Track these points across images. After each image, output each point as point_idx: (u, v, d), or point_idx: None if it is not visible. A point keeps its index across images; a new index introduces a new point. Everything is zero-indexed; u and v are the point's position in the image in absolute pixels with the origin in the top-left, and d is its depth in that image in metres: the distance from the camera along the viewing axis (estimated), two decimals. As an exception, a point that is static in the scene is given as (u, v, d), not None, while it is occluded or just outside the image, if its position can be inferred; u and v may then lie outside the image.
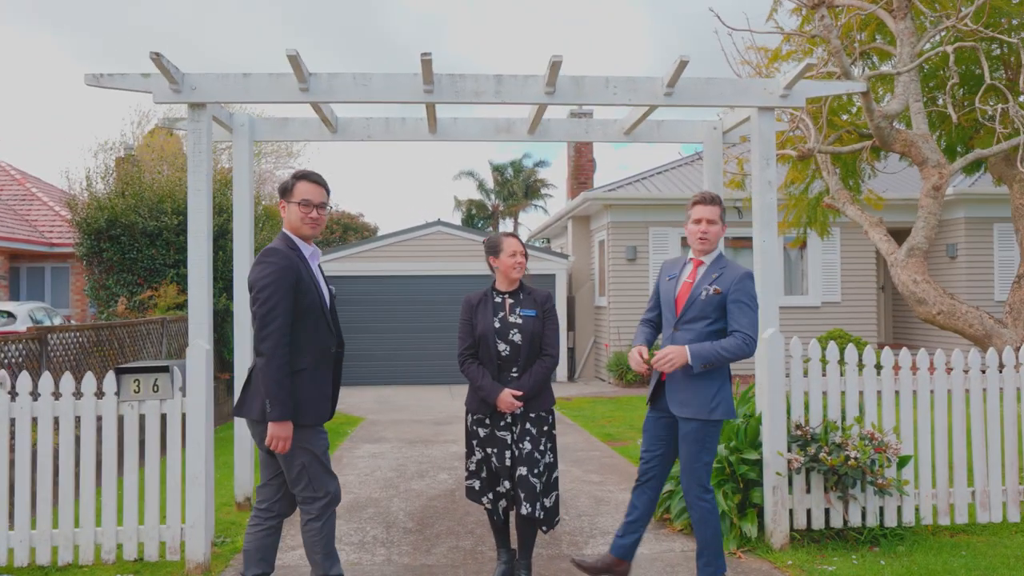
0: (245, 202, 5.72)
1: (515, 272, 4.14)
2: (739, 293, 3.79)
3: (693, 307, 3.84)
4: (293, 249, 3.48)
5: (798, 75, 4.79)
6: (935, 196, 6.00)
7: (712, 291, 3.82)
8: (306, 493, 3.44)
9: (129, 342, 7.99)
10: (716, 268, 3.89)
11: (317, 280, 3.53)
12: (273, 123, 5.87)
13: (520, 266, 4.14)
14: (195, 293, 4.67)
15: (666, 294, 3.98)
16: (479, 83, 4.80)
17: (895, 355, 4.96)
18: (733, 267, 3.89)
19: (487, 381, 4.04)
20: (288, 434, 3.29)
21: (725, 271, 3.87)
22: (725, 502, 4.74)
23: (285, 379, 3.28)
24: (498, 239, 4.22)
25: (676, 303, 3.91)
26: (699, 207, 3.94)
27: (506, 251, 4.15)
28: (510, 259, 4.13)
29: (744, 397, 5.32)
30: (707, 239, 3.89)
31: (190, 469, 4.38)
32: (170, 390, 4.39)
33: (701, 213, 3.92)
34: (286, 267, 3.36)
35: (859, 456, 4.44)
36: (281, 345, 3.28)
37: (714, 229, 3.89)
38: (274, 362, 3.27)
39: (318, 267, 3.65)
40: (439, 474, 6.91)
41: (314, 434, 3.44)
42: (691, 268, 3.97)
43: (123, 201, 10.30)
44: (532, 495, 3.99)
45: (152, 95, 4.65)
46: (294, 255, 3.45)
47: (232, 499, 5.78)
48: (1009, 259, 14.33)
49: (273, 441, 3.28)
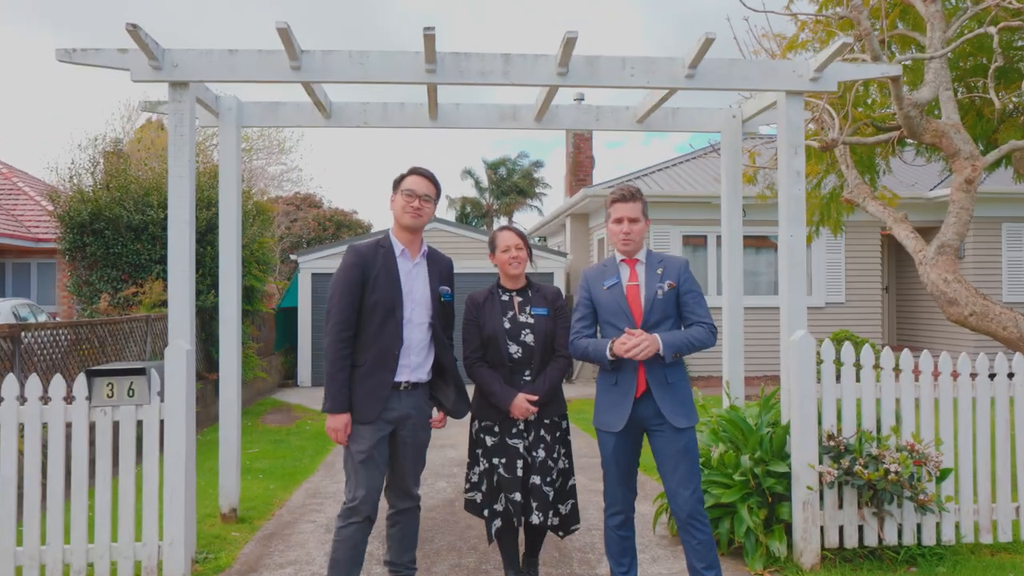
0: (232, 192, 5.32)
1: (512, 268, 3.83)
2: (690, 283, 3.58)
3: (655, 309, 3.50)
4: (382, 246, 3.52)
5: (831, 56, 4.43)
6: (967, 190, 5.65)
7: (667, 287, 3.54)
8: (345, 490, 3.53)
9: (111, 341, 7.58)
10: (655, 263, 3.62)
11: (397, 279, 3.49)
12: (262, 107, 5.48)
13: (516, 261, 3.83)
14: (176, 288, 4.29)
15: (611, 303, 3.57)
16: (485, 63, 4.43)
17: (934, 357, 4.60)
18: (669, 257, 3.66)
19: (499, 386, 3.73)
20: (338, 426, 3.39)
21: (665, 263, 3.61)
22: (751, 518, 4.37)
23: (338, 373, 3.36)
24: (493, 235, 3.96)
25: (631, 309, 3.52)
26: (618, 205, 3.60)
27: (499, 247, 3.88)
28: (504, 255, 3.85)
29: (767, 404, 4.95)
30: (631, 239, 3.58)
31: (168, 481, 3.99)
32: (147, 394, 4.00)
33: (622, 211, 3.59)
34: (352, 264, 3.44)
35: (900, 470, 4.08)
36: (335, 341, 3.37)
37: (637, 227, 3.58)
38: (328, 356, 3.40)
39: (425, 267, 3.62)
40: (437, 482, 6.53)
41: (355, 433, 3.43)
42: (628, 270, 3.62)
43: (107, 194, 9.87)
44: (544, 504, 3.71)
45: (130, 72, 4.25)
46: (372, 252, 3.48)
47: (216, 510, 5.38)
48: (1018, 259, 14.05)
49: (329, 432, 3.42)
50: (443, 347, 3.66)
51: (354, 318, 3.41)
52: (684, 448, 3.48)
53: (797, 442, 4.35)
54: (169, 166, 4.30)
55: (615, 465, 3.58)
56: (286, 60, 4.29)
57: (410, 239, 3.59)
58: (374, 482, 3.46)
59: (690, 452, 3.50)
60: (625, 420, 3.48)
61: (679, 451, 3.47)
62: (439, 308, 3.64)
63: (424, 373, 3.61)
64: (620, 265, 3.64)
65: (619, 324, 3.52)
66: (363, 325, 3.43)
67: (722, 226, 5.73)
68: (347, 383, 3.39)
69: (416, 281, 3.57)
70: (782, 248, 4.68)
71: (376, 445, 3.45)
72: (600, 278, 3.65)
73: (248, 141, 23.16)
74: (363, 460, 3.43)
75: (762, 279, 14.02)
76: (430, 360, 3.63)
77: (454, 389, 3.72)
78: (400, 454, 3.59)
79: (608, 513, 3.66)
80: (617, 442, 3.54)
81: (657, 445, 3.53)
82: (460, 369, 3.77)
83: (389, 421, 3.49)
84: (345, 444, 3.45)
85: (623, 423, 3.49)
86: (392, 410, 3.49)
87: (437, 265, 3.71)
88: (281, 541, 4.91)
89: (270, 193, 23.60)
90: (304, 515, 5.53)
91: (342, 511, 3.49)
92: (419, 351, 3.56)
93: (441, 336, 3.64)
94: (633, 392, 3.49)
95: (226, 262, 5.26)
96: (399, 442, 3.57)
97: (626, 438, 3.54)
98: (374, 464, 3.45)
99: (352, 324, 3.41)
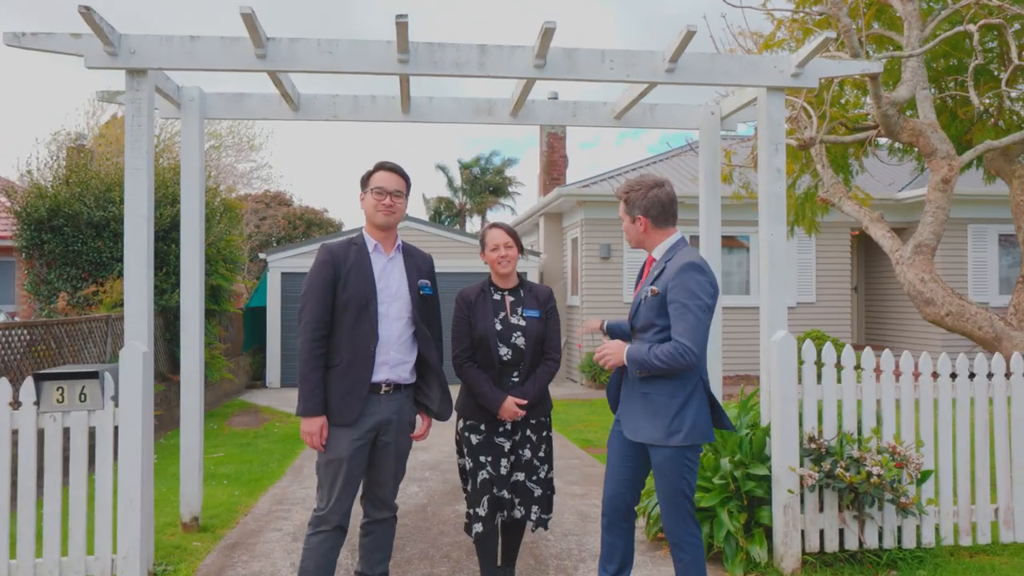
0: (195, 187, 5.10)
1: (501, 267, 3.74)
2: (675, 291, 3.07)
3: (639, 314, 3.29)
4: (355, 243, 3.40)
5: (813, 52, 4.35)
6: (944, 190, 5.62)
7: (650, 293, 3.20)
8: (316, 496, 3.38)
9: (68, 342, 7.29)
10: (662, 262, 3.26)
11: (371, 273, 3.36)
12: (227, 99, 5.26)
13: (506, 260, 3.74)
14: (132, 287, 4.07)
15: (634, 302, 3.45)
16: (460, 53, 4.27)
17: (915, 358, 4.54)
18: (678, 257, 3.18)
19: (489, 388, 3.64)
20: (313, 429, 3.24)
21: (668, 264, 3.19)
22: (730, 522, 4.27)
23: (311, 373, 3.23)
24: (483, 232, 3.85)
25: (631, 311, 3.40)
26: None
27: (489, 245, 3.78)
28: (493, 254, 3.75)
29: (746, 405, 4.87)
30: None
31: (123, 491, 3.77)
32: (100, 399, 3.78)
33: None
34: (324, 262, 3.33)
35: (882, 473, 4.00)
36: (308, 340, 3.24)
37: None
38: (301, 356, 3.26)
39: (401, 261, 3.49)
40: (409, 486, 6.35)
41: (332, 437, 3.28)
42: (646, 267, 3.45)
43: (67, 189, 9.53)
44: (528, 500, 3.70)
45: (84, 59, 4.03)
46: (344, 250, 3.37)
47: (177, 518, 5.16)
48: (983, 260, 14.23)
49: (303, 437, 3.26)
50: (426, 342, 3.48)
51: (327, 317, 3.27)
52: (657, 465, 3.20)
53: (778, 445, 4.26)
54: (126, 158, 4.08)
55: (609, 448, 3.48)
56: (251, 48, 4.10)
57: (383, 235, 3.45)
58: (348, 491, 3.29)
59: (664, 472, 3.16)
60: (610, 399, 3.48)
61: (655, 467, 3.23)
62: (420, 303, 3.47)
63: (406, 372, 3.44)
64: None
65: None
66: (337, 323, 3.29)
67: (700, 225, 5.63)
68: (321, 384, 3.24)
69: (392, 275, 3.42)
70: (763, 247, 4.59)
71: (354, 453, 3.28)
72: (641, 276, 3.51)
73: (218, 138, 22.71)
74: (338, 467, 3.26)
75: (733, 279, 14.03)
76: (412, 357, 3.46)
77: (439, 389, 3.54)
78: (380, 462, 3.41)
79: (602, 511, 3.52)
80: (612, 432, 3.48)
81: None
82: (446, 368, 3.63)
83: (369, 428, 3.32)
84: (321, 449, 3.28)
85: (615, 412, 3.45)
86: (372, 415, 3.32)
87: (415, 259, 3.55)
88: (245, 551, 4.71)
89: (239, 191, 23.19)
90: (270, 523, 5.33)
91: (312, 518, 3.33)
92: (398, 347, 3.39)
93: (424, 331, 3.47)
94: (617, 377, 3.42)
95: (188, 259, 5.04)
96: (379, 449, 3.40)
97: (618, 431, 3.43)
98: (350, 472, 3.28)
99: (325, 323, 3.27)
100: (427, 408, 3.55)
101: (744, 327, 13.39)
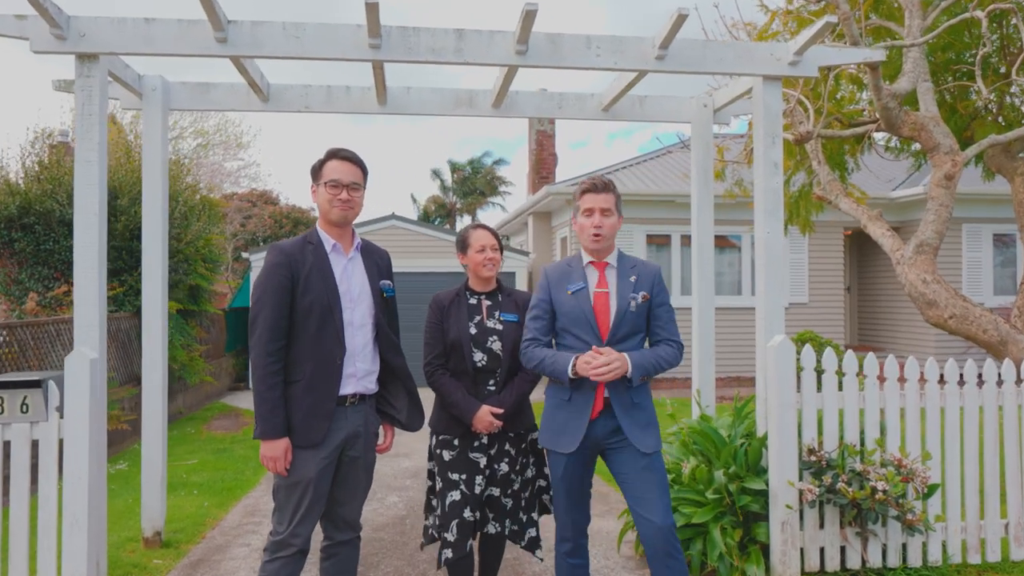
0: (157, 183, 4.80)
1: (486, 270, 3.48)
2: (663, 295, 3.19)
3: (625, 322, 3.08)
4: (311, 242, 3.06)
5: (812, 38, 4.09)
6: (947, 186, 5.37)
7: (641, 298, 3.13)
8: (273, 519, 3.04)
9: (33, 345, 6.97)
10: (627, 268, 3.19)
11: (332, 276, 3.02)
12: (192, 88, 4.96)
13: (492, 263, 3.49)
14: (82, 288, 3.78)
15: (574, 310, 3.12)
16: (436, 39, 3.99)
17: (920, 363, 4.28)
18: (642, 263, 3.24)
19: (462, 396, 3.34)
20: (275, 454, 2.89)
21: (639, 270, 3.19)
22: (724, 540, 4.00)
23: (268, 392, 2.88)
24: (465, 233, 3.55)
25: (597, 320, 3.10)
26: (589, 196, 3.15)
27: (474, 246, 3.49)
28: (479, 255, 3.47)
29: (741, 413, 4.60)
30: (602, 236, 3.13)
31: (67, 510, 3.47)
32: (43, 410, 3.48)
33: (592, 202, 3.13)
34: (277, 264, 2.97)
35: (888, 489, 3.74)
36: (263, 354, 2.89)
37: (609, 222, 3.14)
38: (255, 373, 2.91)
39: (361, 261, 3.17)
40: (388, 496, 6.07)
41: (297, 460, 2.94)
42: (596, 274, 3.19)
43: (38, 186, 9.22)
44: (501, 514, 3.44)
45: (29, 42, 3.73)
46: (299, 249, 3.02)
47: (139, 533, 4.86)
48: (978, 260, 14.04)
49: (264, 462, 2.91)
50: (390, 347, 3.17)
51: (284, 326, 2.93)
52: (649, 465, 3.07)
53: (776, 457, 4.00)
54: (76, 150, 3.78)
55: (564, 489, 3.17)
56: (210, 31, 3.81)
57: (340, 232, 3.13)
58: (312, 513, 2.98)
59: (656, 470, 3.08)
60: (578, 442, 3.08)
61: (644, 469, 3.06)
62: (382, 306, 3.16)
63: (372, 382, 3.13)
64: (588, 268, 3.22)
65: (581, 335, 3.10)
66: (297, 333, 2.95)
67: (692, 223, 5.37)
68: (281, 402, 2.89)
69: (353, 278, 3.10)
70: (759, 245, 4.34)
71: (321, 473, 2.96)
72: (564, 280, 3.21)
73: (205, 136, 22.35)
74: (303, 490, 2.94)
75: (724, 279, 13.79)
76: (377, 365, 3.15)
77: (406, 397, 3.22)
78: (346, 479, 3.10)
79: (558, 538, 3.26)
80: (568, 463, 3.13)
81: (618, 464, 3.13)
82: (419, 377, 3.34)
83: (336, 445, 3.00)
84: (284, 474, 2.93)
85: (576, 444, 3.08)
86: (340, 430, 3.01)
87: (373, 257, 3.23)
88: (209, 569, 4.41)
89: (226, 189, 22.84)
90: (239, 537, 5.03)
91: (269, 543, 2.99)
92: (364, 357, 3.08)
93: (388, 335, 3.16)
94: (589, 411, 3.09)
95: (150, 256, 4.74)
96: (345, 465, 3.08)
97: (579, 459, 3.14)
98: (316, 494, 2.97)
99: (282, 333, 2.93)
100: (392, 418, 3.24)
101: (734, 328, 13.17)
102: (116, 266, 9.32)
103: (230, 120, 21.94)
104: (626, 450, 3.08)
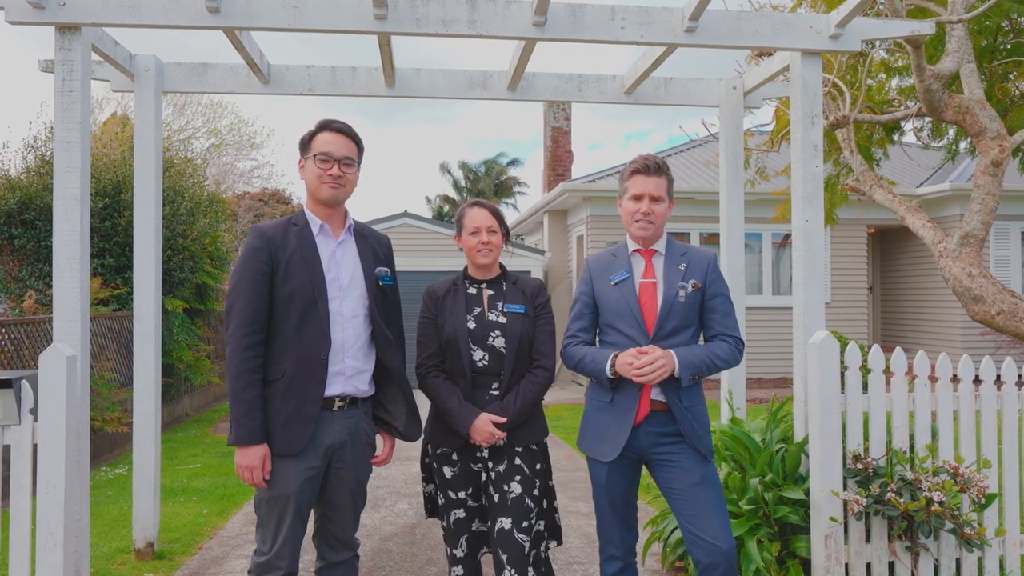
0: (150, 170, 4.51)
1: (481, 256, 2.98)
2: (718, 284, 2.88)
3: (672, 315, 2.78)
4: (295, 224, 2.74)
5: (855, 8, 3.74)
6: (994, 173, 5.00)
7: (691, 287, 2.82)
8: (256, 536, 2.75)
9: (28, 344, 6.71)
10: (677, 255, 2.89)
11: (317, 261, 2.69)
12: (188, 69, 4.67)
13: (488, 248, 2.98)
14: (62, 279, 3.49)
15: (618, 303, 2.83)
16: (447, 9, 3.68)
17: (975, 364, 3.92)
18: (694, 249, 2.93)
19: (457, 402, 2.89)
20: (252, 463, 2.57)
21: (690, 257, 2.89)
22: (760, 554, 3.66)
23: (244, 392, 2.57)
24: (461, 211, 3.07)
25: (643, 312, 2.80)
26: (639, 178, 2.82)
27: (467, 227, 3.01)
28: (472, 238, 2.99)
29: (776, 416, 4.25)
30: (652, 223, 2.82)
31: (42, 524, 3.16)
32: (15, 413, 3.18)
33: (643, 187, 2.81)
34: (255, 248, 2.64)
35: (945, 500, 3.39)
36: (238, 348, 2.58)
37: (660, 208, 2.83)
38: (230, 370, 2.60)
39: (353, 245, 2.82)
40: (398, 503, 5.76)
41: (277, 470, 2.63)
42: (643, 262, 2.89)
43: (39, 181, 8.99)
44: (518, 558, 2.84)
45: (4, 12, 3.45)
46: (281, 232, 2.70)
47: (130, 544, 4.57)
48: (1006, 258, 13.61)
49: (239, 472, 2.60)
50: (386, 345, 2.81)
51: (262, 317, 2.61)
52: (704, 480, 2.73)
53: (818, 464, 3.65)
54: (55, 129, 3.50)
55: (608, 502, 2.84)
56: (201, 0, 3.51)
57: (330, 212, 2.78)
58: (296, 530, 2.66)
59: (713, 484, 2.76)
60: (620, 448, 2.75)
61: (699, 484, 2.73)
62: (378, 296, 2.81)
63: (364, 383, 2.78)
64: (633, 256, 2.89)
65: (626, 330, 2.78)
66: (277, 325, 2.63)
67: (721, 216, 5.03)
68: (259, 403, 2.58)
69: (343, 263, 2.75)
70: (796, 235, 4.00)
71: (303, 486, 2.64)
72: (607, 270, 2.89)
73: (218, 136, 22.16)
74: (284, 504, 2.63)
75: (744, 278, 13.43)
76: (371, 364, 2.79)
77: (403, 403, 2.87)
78: (334, 493, 2.76)
79: (603, 558, 2.92)
80: (611, 473, 2.80)
81: (667, 478, 2.79)
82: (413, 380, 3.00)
83: (321, 454, 2.67)
84: (263, 486, 2.62)
85: (617, 452, 2.75)
86: (324, 438, 2.67)
87: (370, 241, 2.87)
88: None
89: (238, 188, 22.68)
90: (237, 547, 4.73)
91: (253, 564, 2.68)
92: (355, 353, 2.73)
93: (384, 331, 2.80)
94: (633, 415, 2.76)
95: (142, 249, 4.46)
96: (332, 477, 2.74)
97: (622, 468, 2.81)
98: (299, 509, 2.65)
99: (260, 326, 2.61)
100: (390, 426, 2.89)
101: (752, 329, 12.80)
102: (120, 263, 9.08)
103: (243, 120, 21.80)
104: (677, 463, 2.75)
